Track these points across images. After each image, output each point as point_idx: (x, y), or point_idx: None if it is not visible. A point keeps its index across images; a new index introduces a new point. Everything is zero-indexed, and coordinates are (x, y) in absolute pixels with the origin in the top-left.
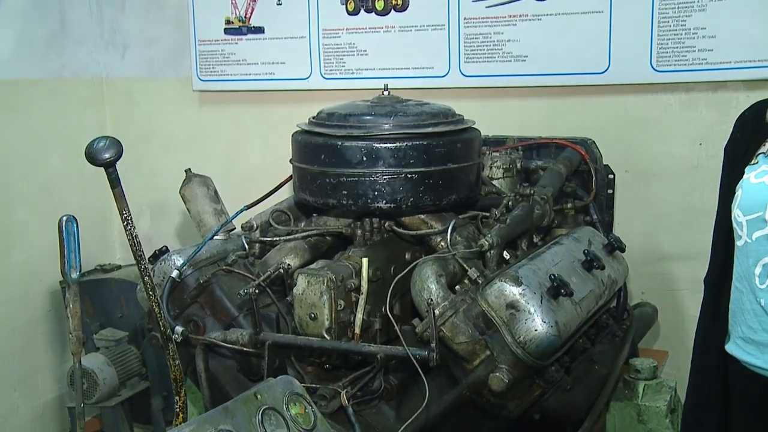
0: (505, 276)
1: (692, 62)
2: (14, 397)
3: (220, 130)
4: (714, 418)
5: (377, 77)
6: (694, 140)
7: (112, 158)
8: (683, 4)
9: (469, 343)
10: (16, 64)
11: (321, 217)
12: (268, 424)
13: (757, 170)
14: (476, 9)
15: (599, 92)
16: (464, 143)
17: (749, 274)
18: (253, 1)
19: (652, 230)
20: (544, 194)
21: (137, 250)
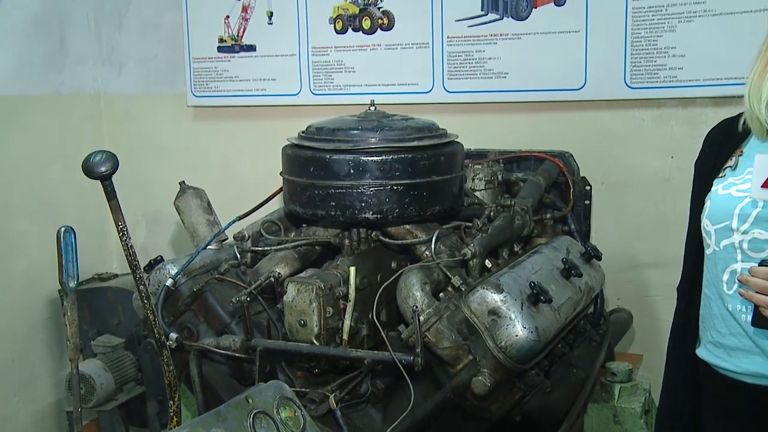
0: (487, 284)
1: (663, 80)
2: (14, 402)
3: (214, 144)
4: (686, 420)
5: (364, 93)
6: (665, 153)
7: (108, 172)
8: (654, 25)
9: (452, 348)
10: (17, 81)
11: (310, 227)
12: (259, 427)
13: (724, 182)
14: (459, 28)
15: (576, 108)
16: (447, 156)
17: (717, 281)
18: (245, 21)
19: (626, 239)
20: (524, 205)
21: (132, 260)
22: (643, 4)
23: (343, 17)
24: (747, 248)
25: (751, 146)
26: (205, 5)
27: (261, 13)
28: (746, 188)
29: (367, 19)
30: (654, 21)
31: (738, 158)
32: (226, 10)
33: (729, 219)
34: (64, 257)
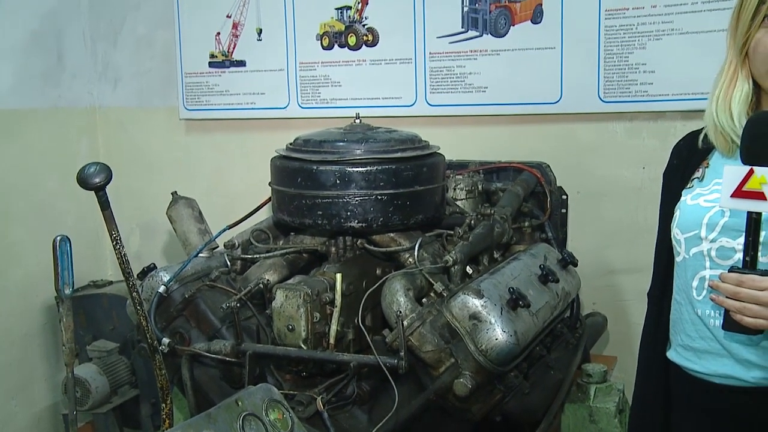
0: (468, 289)
1: (635, 94)
2: (12, 405)
3: (205, 156)
4: (657, 419)
5: (350, 106)
6: (637, 164)
7: (102, 183)
8: (626, 42)
9: (435, 352)
10: (15, 95)
11: (298, 235)
12: (249, 429)
13: (692, 193)
14: (440, 44)
15: (552, 120)
16: (430, 167)
17: (687, 287)
18: (235, 37)
19: (601, 246)
20: (504, 214)
21: (126, 267)
22: (615, 23)
23: (329, 34)
24: (715, 256)
25: (717, 158)
26: (196, 22)
27: (250, 30)
28: (713, 198)
29: (353, 36)
30: (625, 39)
31: (705, 170)
32: (217, 27)
33: (698, 228)
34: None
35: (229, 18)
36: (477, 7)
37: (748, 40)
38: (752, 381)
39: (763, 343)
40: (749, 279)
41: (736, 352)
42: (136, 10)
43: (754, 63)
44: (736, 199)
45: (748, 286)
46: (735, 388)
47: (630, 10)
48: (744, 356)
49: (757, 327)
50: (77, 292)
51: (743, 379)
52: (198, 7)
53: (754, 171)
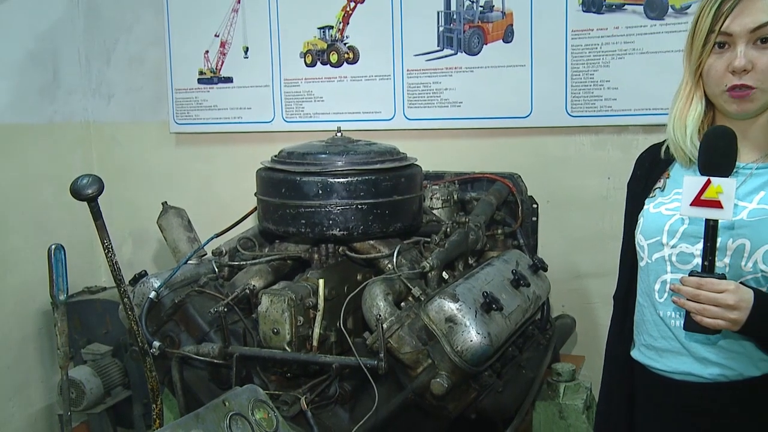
0: (444, 294)
1: (600, 109)
2: (10, 406)
3: (194, 168)
4: (622, 416)
5: (331, 120)
6: (603, 175)
7: (94, 194)
8: (591, 61)
9: (413, 353)
10: (13, 111)
11: (282, 243)
12: (236, 428)
13: (654, 202)
14: (418, 62)
15: (523, 134)
16: (407, 178)
17: (650, 290)
18: (223, 55)
19: (570, 252)
20: (478, 222)
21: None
22: (580, 43)
23: (312, 52)
24: (675, 261)
25: (677, 170)
26: (186, 41)
27: (237, 48)
28: (674, 207)
29: (334, 54)
30: (590, 57)
31: (666, 180)
32: (206, 45)
33: (660, 234)
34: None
35: (217, 37)
36: (452, 27)
37: (701, 64)
38: (709, 377)
39: (720, 342)
40: (708, 282)
41: (694, 351)
42: (128, 30)
43: (708, 85)
44: (695, 207)
45: (707, 289)
46: (693, 384)
47: (594, 31)
48: (702, 354)
49: (715, 327)
50: (72, 298)
51: (701, 375)
52: (187, 27)
53: (711, 181)
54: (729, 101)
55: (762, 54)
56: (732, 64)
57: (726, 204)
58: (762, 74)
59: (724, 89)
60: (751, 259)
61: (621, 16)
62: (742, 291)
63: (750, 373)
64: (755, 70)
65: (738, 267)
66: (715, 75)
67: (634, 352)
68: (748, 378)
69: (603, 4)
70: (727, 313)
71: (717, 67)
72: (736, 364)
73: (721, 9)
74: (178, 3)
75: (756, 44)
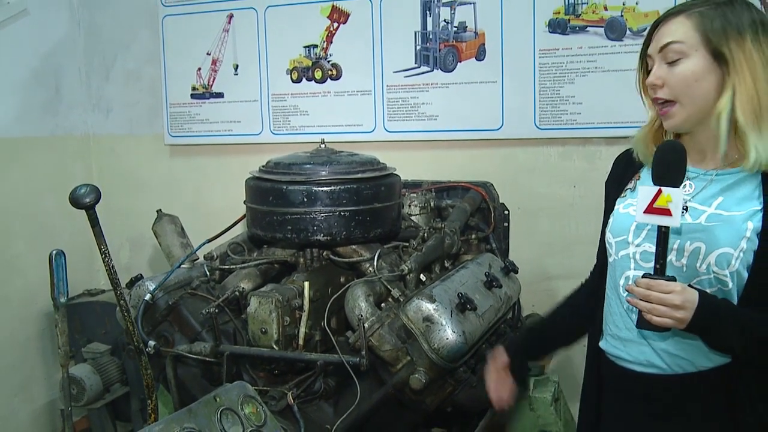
0: (422, 295)
1: (566, 122)
2: (15, 402)
3: (187, 177)
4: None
5: (316, 133)
6: (569, 183)
7: (91, 202)
8: (557, 78)
9: (392, 351)
10: (18, 125)
11: (270, 248)
12: (226, 422)
13: (624, 202)
14: (397, 78)
15: (495, 145)
16: (387, 186)
17: (616, 284)
18: (214, 72)
19: (539, 255)
20: (453, 227)
21: (114, 278)
22: (547, 61)
23: (298, 69)
24: (639, 258)
25: (646, 172)
26: (180, 59)
27: (228, 65)
28: None
29: (319, 71)
30: (557, 75)
31: (636, 182)
32: (198, 63)
33: (626, 233)
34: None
35: (209, 55)
36: (428, 45)
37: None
38: (665, 368)
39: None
40: (658, 284)
41: (652, 342)
42: (126, 48)
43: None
44: (648, 214)
45: (657, 290)
46: (650, 375)
47: (560, 50)
48: (660, 346)
49: (664, 325)
50: (72, 300)
51: (658, 366)
52: (181, 46)
53: (662, 191)
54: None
55: (671, 71)
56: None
57: (674, 212)
58: (673, 88)
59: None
60: (705, 261)
61: (584, 37)
62: (688, 292)
63: (702, 364)
64: (667, 85)
65: (694, 268)
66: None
67: (603, 342)
68: (701, 369)
69: (567, 26)
70: (674, 312)
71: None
72: (690, 356)
73: (648, 37)
74: (173, 23)
75: (668, 64)
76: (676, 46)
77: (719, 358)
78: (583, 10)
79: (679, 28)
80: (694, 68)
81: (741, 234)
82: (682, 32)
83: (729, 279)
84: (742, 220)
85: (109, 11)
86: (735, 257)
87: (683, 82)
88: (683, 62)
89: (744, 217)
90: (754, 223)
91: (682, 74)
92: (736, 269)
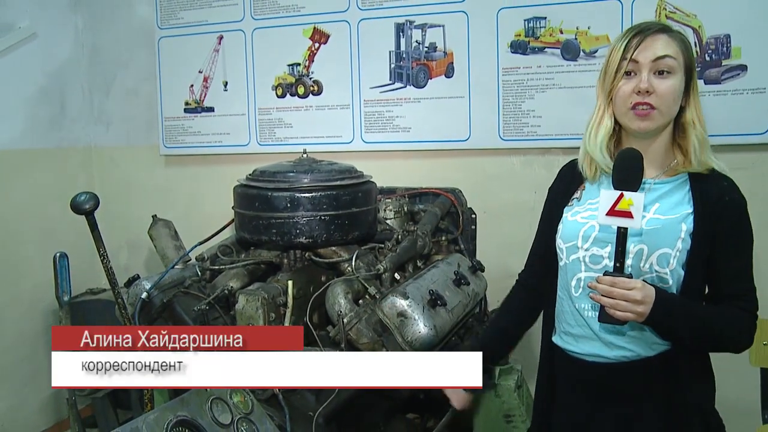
0: (396, 292)
1: (527, 134)
2: (25, 392)
3: (180, 185)
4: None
5: (299, 144)
6: (530, 189)
7: (90, 209)
8: (519, 94)
9: (369, 343)
10: (27, 137)
11: (256, 250)
12: (216, 410)
13: (571, 211)
14: (373, 93)
15: (463, 155)
16: (364, 192)
17: (568, 286)
18: (205, 88)
19: (503, 255)
20: (425, 230)
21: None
22: (510, 78)
23: (282, 85)
24: (588, 261)
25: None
26: (174, 77)
27: (218, 82)
28: (588, 215)
29: (302, 87)
30: (518, 91)
31: (582, 192)
32: (191, 80)
33: (576, 239)
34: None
35: (200, 73)
36: (402, 64)
37: (613, 88)
38: (614, 358)
39: (629, 333)
40: (620, 281)
41: (602, 337)
42: (125, 67)
43: (616, 104)
44: (610, 216)
45: (620, 287)
46: (601, 364)
47: (521, 69)
48: (609, 340)
49: (625, 319)
50: (76, 299)
51: (607, 357)
52: (175, 65)
53: (624, 195)
54: (633, 119)
55: (661, 82)
56: (638, 85)
57: (636, 214)
58: (660, 98)
59: (629, 107)
60: (648, 261)
61: (542, 57)
62: (647, 288)
63: (646, 353)
64: (656, 93)
65: (638, 268)
66: (623, 95)
67: (555, 338)
68: (644, 358)
69: (527, 47)
70: (635, 307)
71: (625, 89)
72: (635, 347)
73: (630, 43)
74: (168, 44)
75: (656, 74)
76: (670, 61)
77: (660, 347)
78: (542, 33)
79: (669, 44)
80: (678, 85)
81: (677, 235)
82: (673, 50)
83: (669, 276)
84: (677, 223)
85: (110, 34)
86: (673, 256)
87: (671, 94)
88: (672, 77)
89: (678, 219)
90: (687, 225)
91: (672, 87)
92: (675, 267)
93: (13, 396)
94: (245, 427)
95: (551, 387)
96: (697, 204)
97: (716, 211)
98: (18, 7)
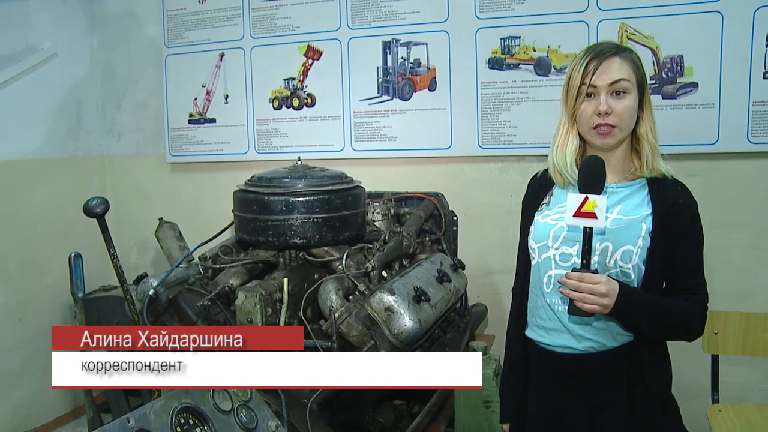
0: (384, 288)
1: (504, 143)
2: (45, 380)
3: (185, 190)
4: (519, 380)
5: (293, 152)
6: (507, 193)
7: (101, 212)
8: (496, 106)
9: (359, 336)
10: (47, 148)
11: (254, 250)
12: (217, 398)
13: (542, 214)
14: (362, 105)
15: (446, 161)
16: (354, 197)
17: (540, 283)
18: (208, 101)
19: (482, 254)
20: (410, 231)
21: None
22: (488, 92)
23: (279, 98)
24: (558, 259)
25: (557, 189)
26: (179, 91)
27: (219, 96)
28: (557, 218)
29: (296, 99)
30: (495, 103)
31: (550, 197)
32: (195, 94)
33: (546, 239)
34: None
35: (203, 87)
36: (389, 78)
37: (576, 110)
38: (582, 349)
39: (595, 324)
40: (587, 277)
41: (572, 329)
42: (135, 83)
43: (581, 125)
44: (576, 218)
45: (587, 282)
46: (570, 355)
47: (498, 83)
48: (578, 332)
49: (592, 311)
50: (89, 295)
51: (576, 348)
52: (181, 80)
53: (588, 198)
54: (596, 136)
55: (618, 102)
56: (598, 108)
57: (599, 215)
58: (618, 117)
59: (592, 127)
60: (612, 257)
61: (517, 73)
62: (612, 283)
63: (610, 344)
64: (614, 113)
65: (604, 264)
66: (586, 117)
67: (528, 331)
68: (609, 348)
69: (504, 63)
70: (601, 299)
71: (587, 111)
72: (600, 339)
73: (587, 68)
74: (174, 61)
75: (613, 95)
76: (625, 83)
77: (624, 338)
78: (516, 50)
79: (622, 67)
80: (633, 103)
81: (638, 233)
82: (626, 72)
83: (631, 271)
84: (638, 222)
85: (122, 53)
86: (635, 253)
87: (627, 113)
88: (627, 96)
89: (639, 219)
90: (646, 225)
91: (629, 107)
92: (636, 263)
93: (36, 383)
94: (244, 414)
95: (525, 376)
96: (654, 206)
97: (672, 213)
98: (41, 30)
